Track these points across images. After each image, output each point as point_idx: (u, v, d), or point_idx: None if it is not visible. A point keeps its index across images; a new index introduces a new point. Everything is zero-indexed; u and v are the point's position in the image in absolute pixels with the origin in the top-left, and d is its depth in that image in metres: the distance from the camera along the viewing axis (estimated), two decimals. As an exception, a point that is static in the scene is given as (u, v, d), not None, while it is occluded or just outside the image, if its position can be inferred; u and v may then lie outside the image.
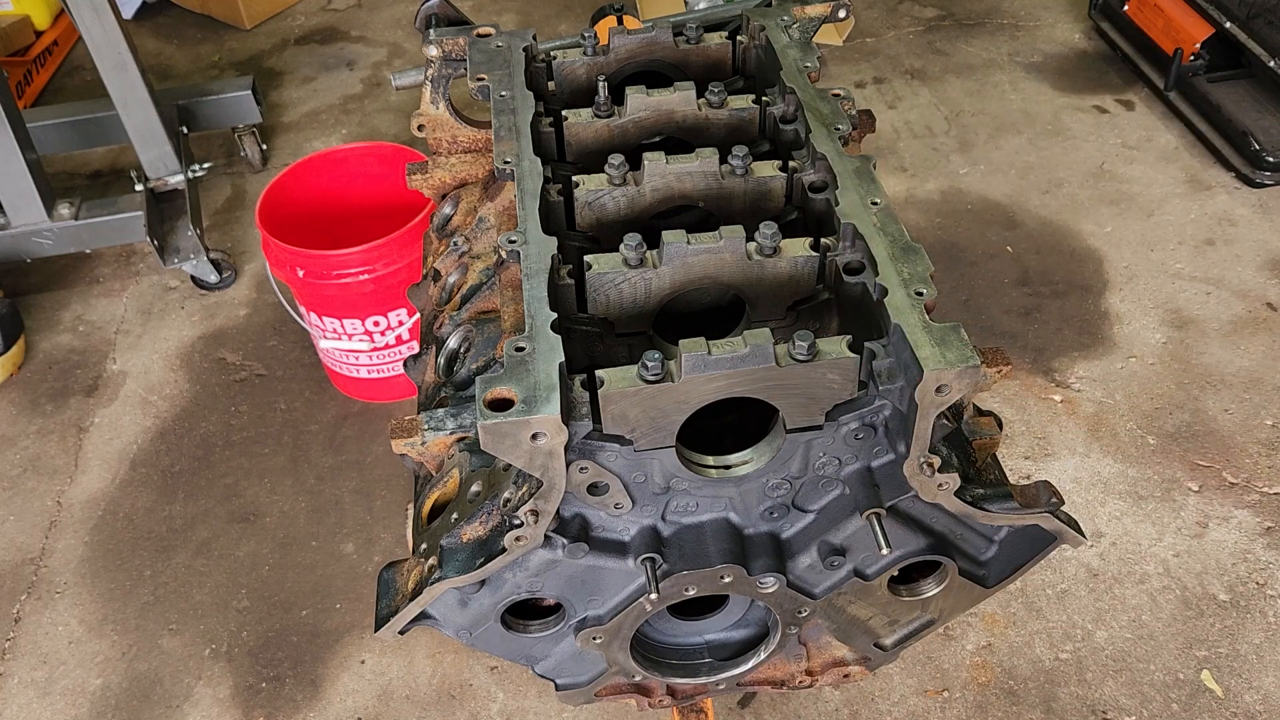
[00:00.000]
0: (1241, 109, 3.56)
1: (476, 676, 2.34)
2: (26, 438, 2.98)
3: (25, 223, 3.14)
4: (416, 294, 1.64)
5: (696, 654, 1.50)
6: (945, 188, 3.62)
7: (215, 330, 3.28)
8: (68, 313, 3.39)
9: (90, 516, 2.76)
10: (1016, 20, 4.49)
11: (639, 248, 1.18)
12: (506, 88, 1.47)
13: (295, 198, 2.86)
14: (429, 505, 1.29)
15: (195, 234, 3.30)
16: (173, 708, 2.34)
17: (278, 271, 2.71)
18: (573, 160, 1.45)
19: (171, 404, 3.05)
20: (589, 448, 1.08)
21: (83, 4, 2.93)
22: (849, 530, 1.23)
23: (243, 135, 3.84)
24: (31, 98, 4.34)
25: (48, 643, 2.48)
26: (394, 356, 2.84)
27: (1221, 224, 3.39)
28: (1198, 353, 2.95)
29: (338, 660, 2.40)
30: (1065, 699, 2.24)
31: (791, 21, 1.59)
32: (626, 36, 1.56)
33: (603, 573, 1.23)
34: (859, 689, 2.26)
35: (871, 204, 1.22)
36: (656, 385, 1.02)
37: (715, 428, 1.22)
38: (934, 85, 4.12)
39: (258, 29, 4.85)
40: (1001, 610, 2.40)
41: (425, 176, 1.65)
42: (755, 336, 1.01)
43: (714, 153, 1.30)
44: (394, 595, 1.26)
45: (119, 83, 3.12)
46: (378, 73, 4.48)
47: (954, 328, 1.03)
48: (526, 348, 1.03)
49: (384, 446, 2.85)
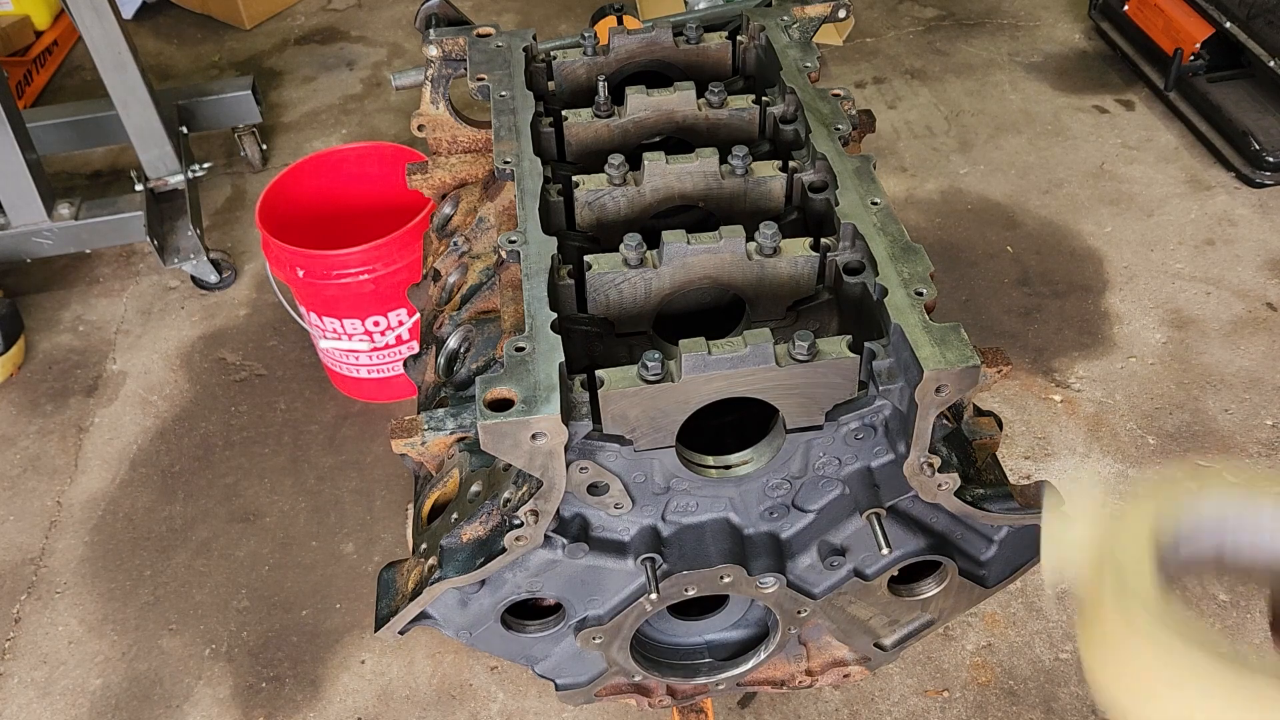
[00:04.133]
0: (1241, 109, 3.56)
1: (476, 676, 2.34)
2: (26, 438, 2.98)
3: (25, 223, 3.14)
4: (416, 294, 1.64)
5: (696, 654, 1.50)
6: (945, 188, 3.62)
7: (215, 330, 3.28)
8: (68, 313, 3.39)
9: (90, 516, 2.76)
10: (1016, 20, 4.49)
11: (639, 248, 1.18)
12: (506, 88, 1.47)
13: (295, 198, 2.86)
14: (429, 505, 1.29)
15: (195, 234, 3.30)
16: (173, 708, 2.34)
17: (278, 271, 2.71)
18: (573, 160, 1.45)
19: (171, 404, 3.05)
20: (589, 448, 1.08)
21: (83, 4, 2.93)
22: (849, 530, 1.23)
23: (243, 135, 3.84)
24: (31, 98, 4.34)
25: (48, 643, 2.48)
26: (394, 356, 2.84)
27: (1221, 224, 3.39)
28: (1198, 353, 2.95)
29: (338, 660, 2.40)
30: (1065, 699, 2.24)
31: (791, 21, 1.59)
32: (626, 36, 1.56)
33: (603, 573, 1.23)
34: (859, 689, 2.26)
35: (871, 204, 1.22)
36: (656, 385, 1.02)
37: (715, 428, 1.22)
38: (934, 85, 4.12)
39: (258, 29, 4.85)
40: (1001, 610, 2.40)
41: (425, 176, 1.65)
42: (755, 336, 1.01)
43: (714, 153, 1.30)
44: (394, 595, 1.26)
45: (119, 83, 3.12)
46: (378, 73, 4.48)
47: (954, 328, 1.03)
48: (526, 348, 1.03)
49: (384, 446, 2.85)
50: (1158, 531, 0.81)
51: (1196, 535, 0.83)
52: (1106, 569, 0.80)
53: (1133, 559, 0.79)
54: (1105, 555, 0.81)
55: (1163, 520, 0.81)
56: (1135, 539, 0.80)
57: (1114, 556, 0.80)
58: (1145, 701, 0.78)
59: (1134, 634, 0.76)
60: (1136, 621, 0.76)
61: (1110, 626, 0.78)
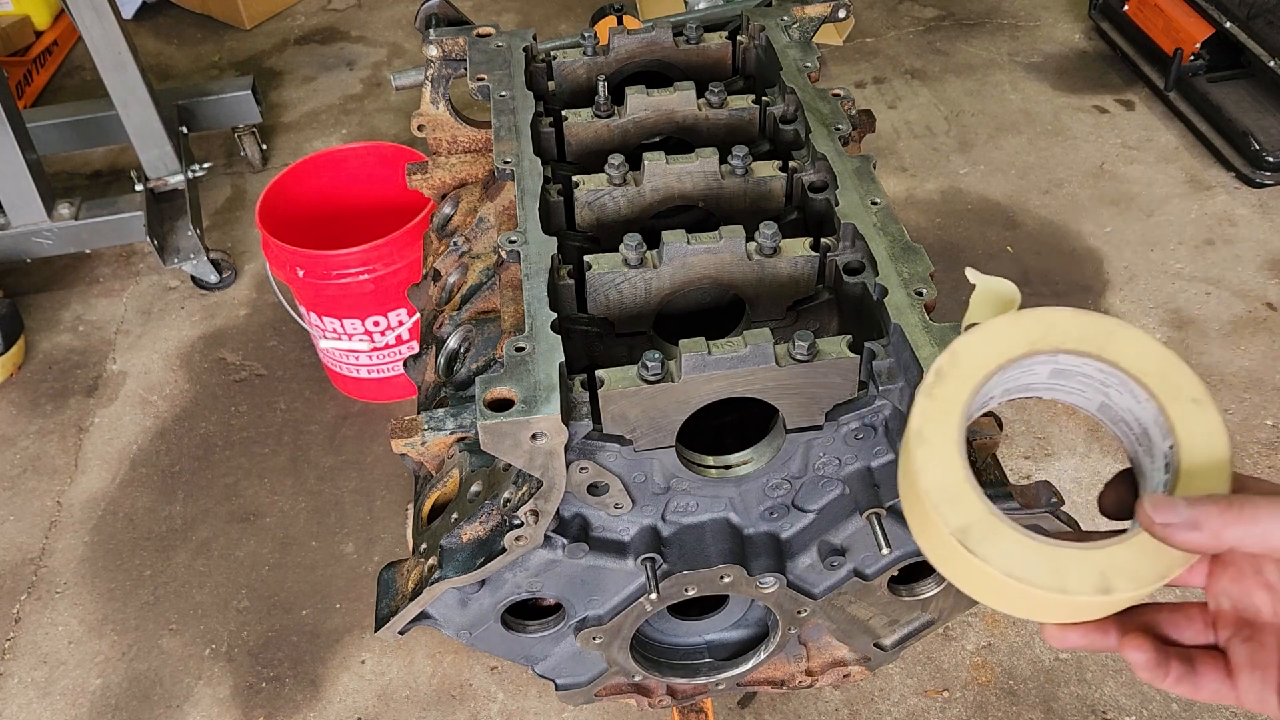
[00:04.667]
0: (1241, 109, 3.56)
1: (476, 676, 2.34)
2: (26, 438, 2.98)
3: (25, 223, 3.14)
4: (416, 294, 1.64)
5: (696, 654, 1.50)
6: (945, 188, 3.62)
7: (215, 330, 3.28)
8: (68, 313, 3.39)
9: (90, 516, 2.76)
10: (1016, 20, 4.49)
11: (639, 248, 1.18)
12: (506, 88, 1.47)
13: (295, 198, 2.86)
14: (429, 505, 1.28)
15: (195, 234, 3.30)
16: (173, 708, 2.34)
17: (278, 271, 2.71)
18: (573, 160, 1.45)
19: (171, 404, 3.05)
20: (589, 448, 1.08)
21: (83, 4, 2.93)
22: (849, 530, 1.23)
23: (243, 135, 3.84)
24: (31, 98, 4.34)
25: (48, 643, 2.48)
26: (394, 356, 2.84)
27: (1221, 224, 3.39)
28: (1198, 353, 2.95)
29: (338, 660, 2.40)
30: (1065, 699, 2.24)
31: (791, 21, 1.59)
32: (626, 36, 1.56)
33: (603, 573, 1.23)
34: (859, 689, 2.26)
35: (871, 204, 1.22)
36: (656, 385, 1.02)
37: (715, 427, 1.22)
38: (934, 85, 4.12)
39: (258, 29, 4.85)
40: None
41: (425, 176, 1.65)
42: (755, 336, 1.01)
43: (714, 153, 1.30)
44: (394, 595, 1.26)
45: (119, 83, 3.12)
46: (378, 73, 4.48)
47: (954, 328, 1.03)
48: (526, 348, 1.03)
49: (384, 446, 2.85)
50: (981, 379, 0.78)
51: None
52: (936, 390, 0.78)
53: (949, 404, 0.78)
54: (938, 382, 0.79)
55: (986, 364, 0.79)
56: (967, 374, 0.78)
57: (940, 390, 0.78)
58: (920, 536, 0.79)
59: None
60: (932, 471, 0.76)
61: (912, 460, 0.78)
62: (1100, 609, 0.74)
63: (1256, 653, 0.72)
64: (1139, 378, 0.76)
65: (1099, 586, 0.71)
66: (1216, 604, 0.76)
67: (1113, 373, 0.78)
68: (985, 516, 0.74)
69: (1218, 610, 0.76)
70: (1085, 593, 0.71)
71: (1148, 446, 0.78)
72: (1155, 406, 0.75)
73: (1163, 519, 0.70)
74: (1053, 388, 0.82)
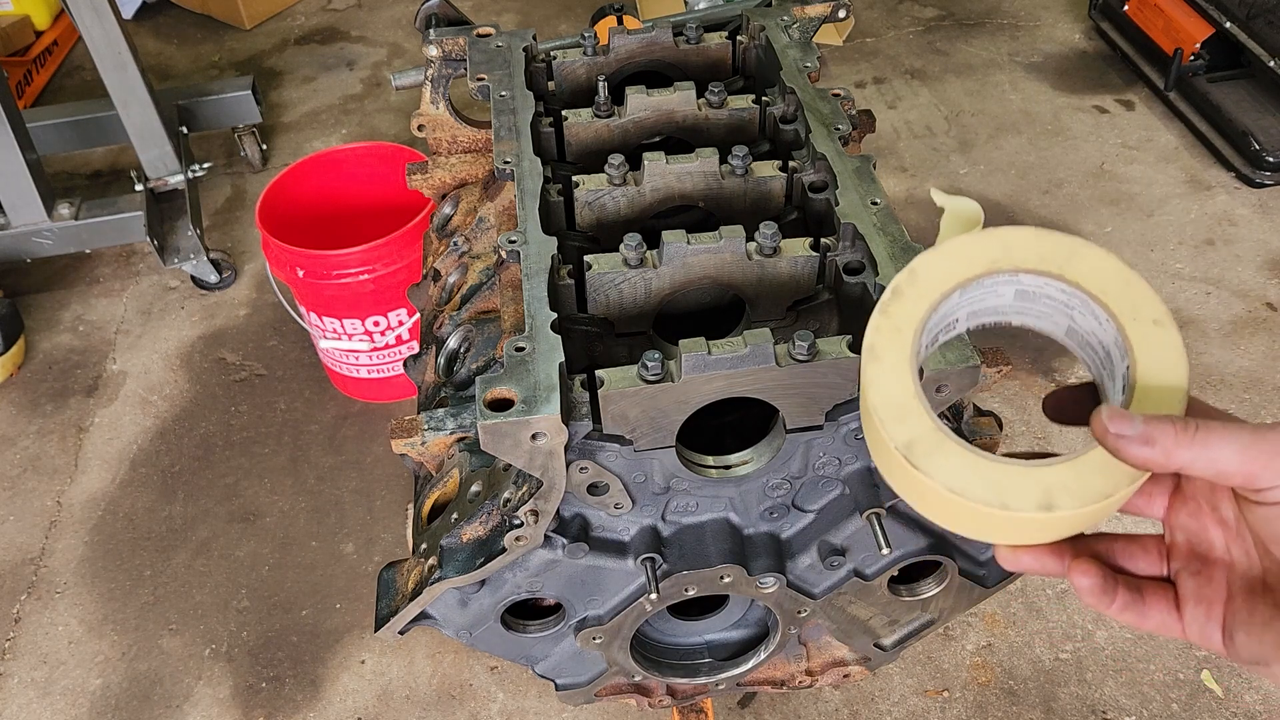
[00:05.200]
0: (1241, 109, 3.56)
1: (476, 676, 2.34)
2: (26, 438, 2.98)
3: (25, 223, 3.14)
4: (416, 294, 1.64)
5: (696, 654, 1.50)
6: (946, 188, 3.62)
7: (215, 330, 3.28)
8: (68, 313, 3.39)
9: (90, 516, 2.76)
10: (1016, 20, 4.49)
11: (639, 248, 1.18)
12: (506, 88, 1.47)
13: (295, 198, 2.86)
14: (429, 505, 1.28)
15: (195, 234, 3.30)
16: (173, 708, 2.34)
17: (278, 271, 2.71)
18: (573, 160, 1.45)
19: (171, 404, 3.05)
20: (589, 448, 1.08)
21: (83, 4, 2.93)
22: (849, 530, 1.23)
23: (243, 135, 3.84)
24: (31, 98, 4.34)
25: (48, 643, 2.48)
26: (394, 356, 2.84)
27: (1221, 224, 3.39)
28: (1198, 353, 2.95)
29: (338, 660, 2.40)
30: (1065, 699, 2.24)
31: (791, 21, 1.59)
32: (626, 36, 1.56)
33: (603, 573, 1.23)
34: (859, 689, 2.26)
35: (871, 204, 1.22)
36: (656, 385, 1.02)
37: (715, 427, 1.22)
38: (934, 85, 4.12)
39: (258, 29, 4.85)
40: (1001, 610, 2.40)
41: (425, 176, 1.65)
42: (755, 336, 1.01)
43: (714, 153, 1.30)
44: (394, 595, 1.26)
45: (119, 83, 3.12)
46: (378, 73, 4.48)
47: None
48: (526, 348, 1.03)
49: (384, 446, 2.85)
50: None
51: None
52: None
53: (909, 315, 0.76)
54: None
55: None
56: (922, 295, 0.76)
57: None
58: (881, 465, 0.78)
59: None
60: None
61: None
62: (1046, 528, 0.73)
63: (1204, 587, 0.72)
64: (1099, 297, 0.74)
65: (1041, 503, 0.70)
66: (1171, 537, 0.76)
67: (1075, 293, 0.75)
68: (931, 432, 0.73)
69: (1172, 543, 0.76)
70: (1027, 509, 0.70)
71: (1110, 370, 0.76)
72: (1115, 326, 0.73)
73: (1117, 429, 0.69)
74: (1020, 310, 0.80)
